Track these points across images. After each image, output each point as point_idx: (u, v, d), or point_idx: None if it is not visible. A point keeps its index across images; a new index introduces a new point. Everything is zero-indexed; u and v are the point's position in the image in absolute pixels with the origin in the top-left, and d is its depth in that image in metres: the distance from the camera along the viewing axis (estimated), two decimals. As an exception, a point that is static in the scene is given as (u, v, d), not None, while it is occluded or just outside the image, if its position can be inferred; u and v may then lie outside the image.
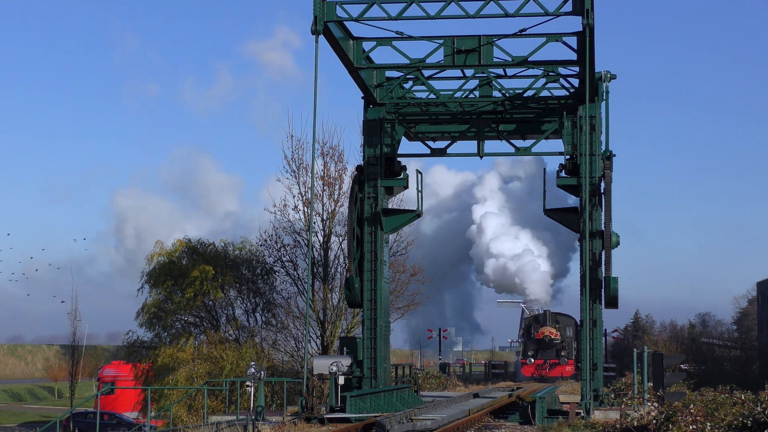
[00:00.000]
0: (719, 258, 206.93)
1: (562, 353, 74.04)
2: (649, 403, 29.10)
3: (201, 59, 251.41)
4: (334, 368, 31.64)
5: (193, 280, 52.27)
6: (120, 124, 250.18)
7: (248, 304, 54.96)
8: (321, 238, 50.62)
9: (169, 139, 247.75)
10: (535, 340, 74.72)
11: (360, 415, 29.52)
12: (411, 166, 37.70)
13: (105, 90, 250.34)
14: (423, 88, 36.28)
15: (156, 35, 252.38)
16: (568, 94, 35.84)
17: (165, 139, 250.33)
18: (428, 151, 38.31)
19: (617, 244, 33.99)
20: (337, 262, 50.90)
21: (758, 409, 21.48)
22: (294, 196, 50.81)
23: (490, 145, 38.24)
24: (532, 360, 73.83)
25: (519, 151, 38.01)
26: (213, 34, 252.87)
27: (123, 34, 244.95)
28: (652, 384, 32.29)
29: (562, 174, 35.32)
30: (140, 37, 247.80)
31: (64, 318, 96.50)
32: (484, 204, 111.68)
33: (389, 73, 36.15)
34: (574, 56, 32.05)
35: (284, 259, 52.49)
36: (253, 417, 29.51)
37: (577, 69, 33.75)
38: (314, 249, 50.01)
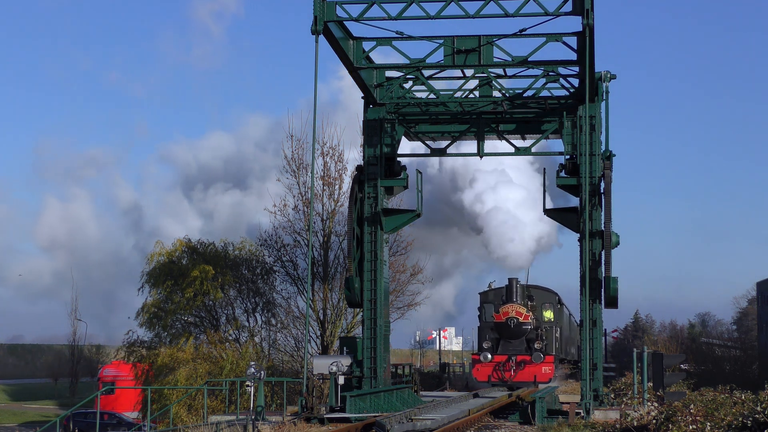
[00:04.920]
0: (719, 258, 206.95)
1: (536, 345, 46.21)
2: (649, 403, 29.13)
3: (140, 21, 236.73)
4: (334, 368, 31.63)
5: (193, 280, 52.34)
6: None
7: (248, 304, 55.01)
8: (321, 238, 50.68)
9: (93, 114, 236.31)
10: (495, 324, 46.92)
11: (360, 415, 29.51)
12: (411, 166, 37.79)
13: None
14: (423, 88, 36.27)
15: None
16: (568, 94, 35.84)
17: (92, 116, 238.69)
18: (428, 151, 38.35)
19: (617, 243, 34.01)
20: (337, 262, 50.96)
21: (758, 409, 21.51)
22: (294, 196, 50.96)
23: (489, 145, 38.30)
24: (489, 356, 46.02)
25: (519, 151, 38.02)
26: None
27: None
28: (652, 384, 32.30)
29: (562, 174, 35.35)
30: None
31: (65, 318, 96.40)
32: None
33: (389, 73, 36.15)
34: (574, 56, 32.03)
35: (284, 259, 52.57)
36: (253, 417, 29.52)
37: (577, 69, 33.75)
38: (314, 249, 50.03)
